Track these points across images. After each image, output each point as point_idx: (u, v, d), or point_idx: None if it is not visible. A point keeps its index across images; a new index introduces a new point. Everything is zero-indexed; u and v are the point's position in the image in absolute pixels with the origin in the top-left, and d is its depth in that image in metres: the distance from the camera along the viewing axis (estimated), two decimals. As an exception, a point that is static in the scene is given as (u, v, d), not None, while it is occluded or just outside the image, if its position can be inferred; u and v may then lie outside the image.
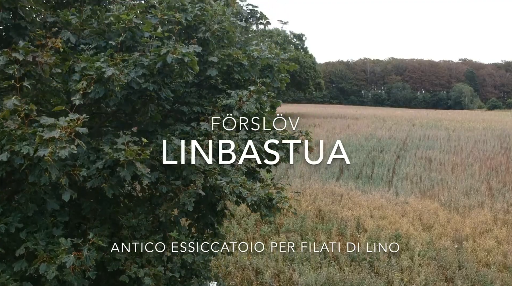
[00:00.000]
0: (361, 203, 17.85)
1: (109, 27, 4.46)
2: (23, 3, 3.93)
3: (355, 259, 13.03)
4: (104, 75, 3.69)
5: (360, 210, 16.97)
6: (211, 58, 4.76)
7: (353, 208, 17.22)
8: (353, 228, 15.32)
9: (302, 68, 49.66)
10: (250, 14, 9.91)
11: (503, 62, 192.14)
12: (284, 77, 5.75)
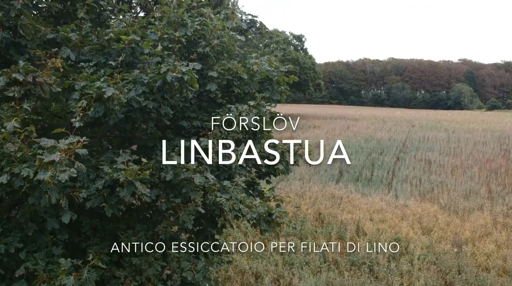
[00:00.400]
0: (361, 206, 17.85)
1: (109, 43, 4.46)
2: (23, 21, 3.93)
3: (354, 263, 13.03)
4: (104, 96, 3.70)
5: (360, 213, 16.97)
6: (210, 73, 4.76)
7: (353, 211, 17.23)
8: (352, 232, 15.32)
9: (301, 69, 49.67)
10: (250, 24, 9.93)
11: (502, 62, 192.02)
12: (284, 90, 5.75)
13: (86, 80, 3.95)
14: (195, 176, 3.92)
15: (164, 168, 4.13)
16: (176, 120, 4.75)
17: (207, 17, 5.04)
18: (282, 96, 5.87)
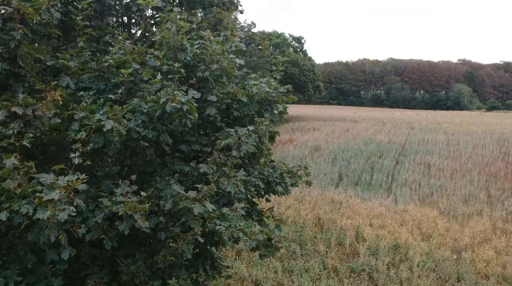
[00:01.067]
0: (360, 211, 17.86)
1: (108, 69, 4.45)
2: (23, 51, 3.92)
3: (354, 270, 13.02)
4: (103, 129, 3.69)
5: (359, 218, 16.98)
6: (210, 97, 4.74)
7: (352, 217, 17.23)
8: (352, 238, 15.32)
9: (301, 71, 49.69)
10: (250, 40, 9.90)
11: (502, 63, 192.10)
12: (283, 110, 5.75)
13: (86, 110, 3.95)
14: (194, 205, 3.91)
15: (164, 196, 4.13)
16: (175, 144, 4.74)
17: (207, 39, 5.03)
18: (282, 116, 5.86)
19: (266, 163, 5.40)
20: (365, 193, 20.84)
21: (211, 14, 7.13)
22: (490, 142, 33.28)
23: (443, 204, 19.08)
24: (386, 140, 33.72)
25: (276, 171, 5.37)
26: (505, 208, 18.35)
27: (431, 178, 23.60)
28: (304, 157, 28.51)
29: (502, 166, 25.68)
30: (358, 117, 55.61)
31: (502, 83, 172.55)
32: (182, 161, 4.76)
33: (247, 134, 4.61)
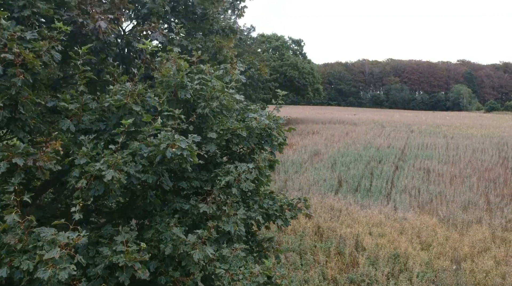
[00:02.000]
0: (360, 219, 17.86)
1: (109, 109, 4.45)
2: (24, 96, 3.92)
3: (354, 281, 13.03)
4: (103, 179, 3.70)
5: (359, 227, 16.98)
6: (210, 134, 4.75)
7: (352, 225, 17.23)
8: (352, 247, 15.32)
9: (300, 74, 49.69)
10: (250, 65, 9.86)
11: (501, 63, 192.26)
12: (283, 141, 5.76)
13: (86, 156, 3.95)
14: (194, 251, 3.92)
15: (164, 239, 4.13)
16: (175, 181, 4.75)
17: (207, 72, 5.03)
18: (281, 148, 5.87)
19: (266, 193, 5.39)
20: (365, 200, 20.84)
21: (211, 42, 7.14)
22: (489, 146, 33.31)
23: (442, 211, 19.09)
24: (386, 145, 33.72)
25: (275, 203, 5.37)
26: (504, 216, 18.36)
27: (431, 184, 23.62)
28: (303, 162, 28.51)
29: (502, 171, 25.70)
30: (358, 120, 55.63)
31: (501, 84, 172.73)
32: (182, 198, 4.76)
33: (247, 171, 4.62)
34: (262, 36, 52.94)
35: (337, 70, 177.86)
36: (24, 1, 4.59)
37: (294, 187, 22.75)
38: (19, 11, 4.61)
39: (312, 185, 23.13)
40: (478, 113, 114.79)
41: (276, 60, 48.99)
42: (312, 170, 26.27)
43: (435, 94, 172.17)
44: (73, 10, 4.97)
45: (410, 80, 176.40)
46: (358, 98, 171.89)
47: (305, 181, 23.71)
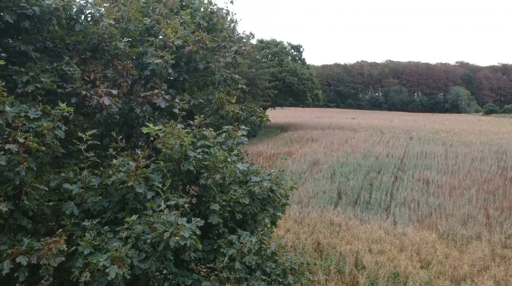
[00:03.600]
0: (360, 235, 17.86)
1: (112, 185, 4.45)
2: (27, 182, 3.91)
3: (354, 302, 13.04)
4: (107, 277, 3.70)
5: (359, 243, 16.98)
6: (212, 206, 4.76)
7: (352, 241, 17.24)
8: (351, 265, 15.32)
9: (299, 80, 49.74)
10: (251, 113, 9.84)
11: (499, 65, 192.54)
12: (285, 202, 5.77)
13: (89, 245, 3.95)
14: None
15: None
16: (177, 255, 4.73)
17: (209, 136, 5.04)
18: (283, 209, 5.88)
19: (268, 255, 5.36)
20: (364, 213, 20.85)
21: (213, 96, 7.12)
22: (488, 155, 33.37)
23: (442, 226, 19.11)
24: (385, 153, 33.76)
25: (278, 266, 5.35)
26: (503, 231, 18.39)
27: (430, 196, 23.65)
28: (303, 172, 28.53)
29: (501, 182, 25.75)
30: (357, 125, 55.67)
31: (500, 85, 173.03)
32: (184, 270, 4.75)
33: (251, 244, 4.62)
34: (261, 42, 52.99)
35: (336, 72, 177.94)
36: (28, 77, 4.61)
37: (293, 200, 22.73)
38: (23, 86, 4.63)
39: (312, 198, 23.14)
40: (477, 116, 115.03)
41: (276, 66, 49.05)
42: (312, 180, 26.28)
43: (433, 96, 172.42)
44: (76, 82, 4.99)
45: (409, 82, 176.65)
46: (357, 100, 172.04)
47: (305, 193, 23.72)
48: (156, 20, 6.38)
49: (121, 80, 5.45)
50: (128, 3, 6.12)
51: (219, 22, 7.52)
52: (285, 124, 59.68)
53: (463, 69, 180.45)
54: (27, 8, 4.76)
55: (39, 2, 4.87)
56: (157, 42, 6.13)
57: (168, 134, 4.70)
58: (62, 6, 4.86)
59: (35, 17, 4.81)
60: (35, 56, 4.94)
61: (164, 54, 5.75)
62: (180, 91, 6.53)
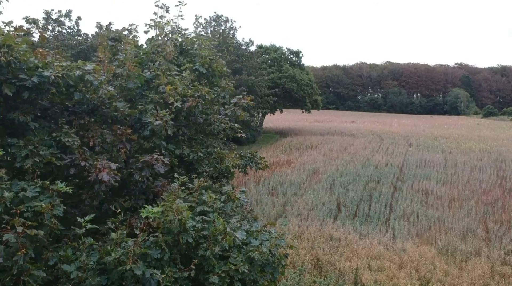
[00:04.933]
0: (359, 251, 17.84)
1: (111, 263, 4.41)
2: (25, 270, 3.87)
3: (353, 324, 13.03)
4: None
5: (358, 260, 16.96)
6: (212, 278, 4.73)
7: (351, 258, 17.21)
8: (351, 283, 15.33)
9: (299, 86, 49.74)
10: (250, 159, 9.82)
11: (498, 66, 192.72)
12: (284, 264, 5.74)
13: None
14: None
15: None
16: None
17: (210, 199, 5.01)
18: (283, 271, 5.86)
19: None
20: (364, 227, 20.83)
21: (212, 148, 7.10)
22: (487, 163, 33.39)
23: (441, 241, 19.11)
24: (384, 162, 33.75)
25: None
26: (503, 246, 18.38)
27: (429, 208, 23.65)
28: (302, 182, 28.51)
29: (500, 193, 25.76)
30: (356, 131, 55.66)
31: (499, 87, 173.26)
32: None
33: None
34: (261, 47, 52.96)
35: (335, 74, 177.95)
36: (27, 151, 4.60)
37: (293, 212, 22.75)
38: (21, 160, 4.61)
39: (311, 210, 23.12)
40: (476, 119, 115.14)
41: (275, 72, 49.04)
42: (311, 191, 26.27)
43: (432, 98, 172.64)
44: (75, 153, 4.97)
45: (408, 83, 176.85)
46: (356, 102, 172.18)
47: (304, 205, 23.71)
48: (156, 75, 6.35)
49: (120, 146, 5.43)
50: (128, 61, 6.09)
51: (219, 67, 7.47)
52: (284, 129, 59.68)
53: (462, 71, 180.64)
54: (26, 80, 4.75)
55: (38, 72, 4.86)
56: (156, 98, 6.11)
57: (167, 210, 4.69)
58: (61, 75, 4.85)
59: (34, 88, 4.80)
60: (34, 126, 4.93)
61: (163, 114, 5.74)
62: (179, 145, 6.51)
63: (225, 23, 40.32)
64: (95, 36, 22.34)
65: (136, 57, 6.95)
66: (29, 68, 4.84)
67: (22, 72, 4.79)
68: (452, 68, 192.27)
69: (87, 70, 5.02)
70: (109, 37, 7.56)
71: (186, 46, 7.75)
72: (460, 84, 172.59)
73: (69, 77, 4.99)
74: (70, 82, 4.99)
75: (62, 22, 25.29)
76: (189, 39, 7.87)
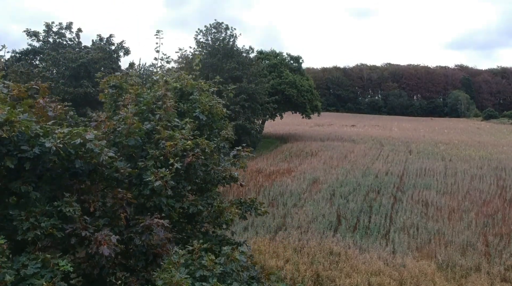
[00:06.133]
0: (359, 266, 17.87)
1: None
2: None
3: None
4: None
5: (358, 276, 16.98)
6: None
7: (351, 274, 17.24)
8: (351, 301, 15.35)
9: (299, 92, 49.81)
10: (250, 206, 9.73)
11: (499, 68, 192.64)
12: None
13: None
14: None
15: None
16: None
17: (209, 262, 5.02)
18: None
19: None
20: (364, 241, 20.86)
21: (212, 200, 7.12)
22: (487, 172, 33.43)
23: (441, 255, 19.13)
24: (384, 171, 33.79)
25: None
26: (503, 262, 18.40)
27: (429, 219, 23.67)
28: (302, 192, 28.55)
29: (500, 204, 25.80)
30: (356, 136, 55.69)
31: (499, 89, 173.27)
32: None
33: None
34: (261, 53, 53.04)
35: (335, 76, 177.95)
36: (28, 224, 4.65)
37: (293, 224, 22.77)
38: (23, 233, 4.67)
39: (311, 222, 23.14)
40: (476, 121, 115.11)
41: (275, 78, 49.11)
42: (311, 202, 26.28)
43: (433, 100, 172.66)
44: (76, 222, 5.01)
45: (408, 85, 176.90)
46: (357, 104, 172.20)
47: (304, 217, 23.73)
48: (156, 129, 6.38)
49: (120, 211, 5.49)
50: (129, 119, 6.12)
51: (219, 111, 7.51)
52: (285, 135, 59.70)
53: (462, 73, 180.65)
54: (28, 151, 4.81)
55: (40, 142, 4.91)
56: (156, 154, 6.15)
57: (166, 284, 4.72)
58: (62, 144, 4.89)
59: (36, 158, 4.85)
60: (35, 196, 4.99)
61: (163, 174, 5.79)
62: (179, 198, 6.55)
63: (225, 31, 40.39)
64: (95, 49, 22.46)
65: (137, 105, 7.01)
66: (30, 138, 4.90)
67: (24, 142, 4.87)
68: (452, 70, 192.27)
69: (88, 139, 5.07)
70: (110, 85, 7.61)
71: (186, 90, 7.79)
72: (460, 86, 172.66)
73: (69, 145, 5.04)
74: (71, 151, 5.05)
75: (62, 34, 25.39)
76: (190, 82, 7.90)
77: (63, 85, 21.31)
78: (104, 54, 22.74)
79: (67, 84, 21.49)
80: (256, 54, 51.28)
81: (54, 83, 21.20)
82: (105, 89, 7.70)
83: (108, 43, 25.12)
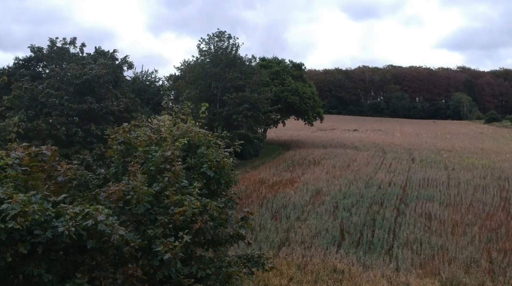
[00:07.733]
0: (362, 285, 17.90)
1: None
2: None
3: None
4: None
5: (362, 296, 17.03)
6: None
7: (355, 293, 17.28)
8: (355, 324, 15.38)
9: (301, 100, 49.89)
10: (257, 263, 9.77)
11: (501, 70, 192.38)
12: None
13: None
14: None
15: None
16: None
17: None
18: None
19: None
20: (367, 257, 20.87)
21: (220, 263, 7.21)
22: (490, 182, 33.41)
23: (444, 272, 19.14)
24: (387, 181, 33.81)
25: None
26: (507, 280, 18.39)
27: (432, 234, 23.68)
28: (305, 204, 28.60)
29: (503, 217, 25.78)
30: (359, 142, 55.70)
31: (502, 91, 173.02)
32: None
33: None
34: (263, 60, 53.15)
35: (337, 78, 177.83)
36: None
37: (296, 240, 22.80)
38: None
39: (314, 237, 23.17)
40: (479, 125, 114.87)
41: (277, 86, 49.19)
42: (314, 215, 26.31)
43: (435, 102, 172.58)
44: None
45: (411, 88, 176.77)
46: (359, 106, 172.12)
47: (307, 232, 23.76)
48: (165, 194, 6.46)
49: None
50: (138, 188, 6.19)
51: (226, 166, 7.58)
52: (287, 141, 59.75)
53: (464, 75, 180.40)
54: (41, 235, 4.90)
55: (52, 224, 4.99)
56: (165, 221, 6.21)
57: None
58: (74, 227, 4.97)
59: (48, 242, 4.93)
60: (48, 279, 5.06)
61: (173, 245, 5.85)
62: (188, 260, 6.61)
63: (228, 40, 40.47)
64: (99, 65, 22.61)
65: (145, 163, 7.09)
66: (43, 222, 4.98)
67: (36, 226, 4.94)
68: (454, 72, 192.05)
69: (100, 220, 5.14)
70: (118, 141, 7.70)
71: (194, 142, 7.85)
72: (462, 88, 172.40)
73: (81, 227, 5.11)
74: (83, 233, 5.13)
75: (67, 49, 25.56)
76: (196, 135, 7.96)
77: (67, 101, 21.45)
78: (108, 69, 22.89)
79: (71, 100, 21.64)
80: (259, 61, 51.38)
81: (58, 100, 21.37)
82: (113, 146, 7.79)
83: (112, 59, 25.28)
